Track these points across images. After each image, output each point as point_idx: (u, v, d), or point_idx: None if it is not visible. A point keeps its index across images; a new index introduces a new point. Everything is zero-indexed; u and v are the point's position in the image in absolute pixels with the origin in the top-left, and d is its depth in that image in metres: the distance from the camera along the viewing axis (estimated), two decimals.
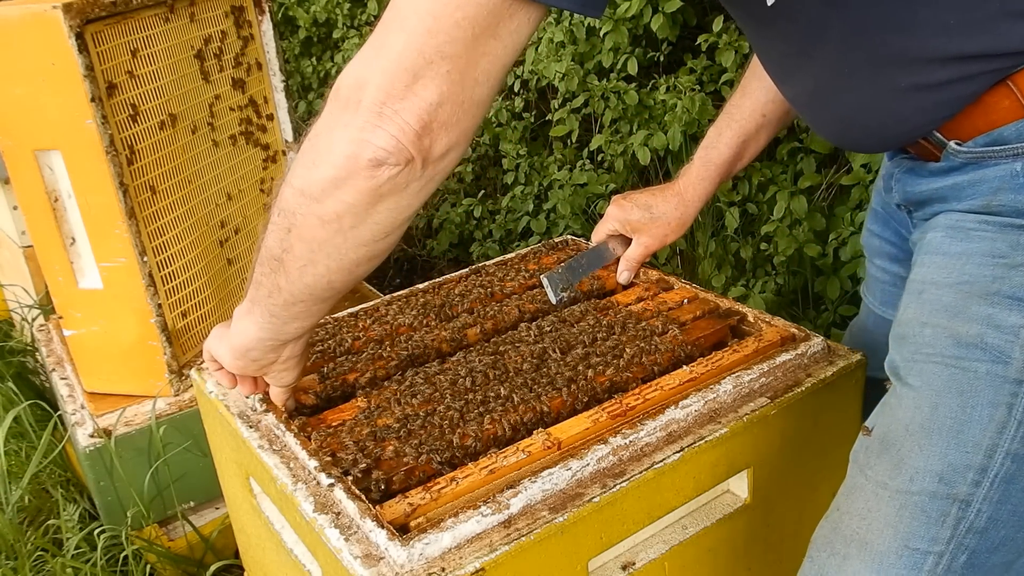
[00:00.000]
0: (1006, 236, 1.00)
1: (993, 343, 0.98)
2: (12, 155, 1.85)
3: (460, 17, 0.84)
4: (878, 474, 1.03)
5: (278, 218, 1.00)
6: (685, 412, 1.21)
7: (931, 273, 1.06)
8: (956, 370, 0.99)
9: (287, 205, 0.98)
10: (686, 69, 2.91)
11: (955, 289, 1.02)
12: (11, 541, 2.03)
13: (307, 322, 1.11)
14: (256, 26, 2.23)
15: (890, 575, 0.99)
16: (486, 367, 1.35)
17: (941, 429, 0.99)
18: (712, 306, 1.50)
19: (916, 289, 1.08)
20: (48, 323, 2.41)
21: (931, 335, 1.03)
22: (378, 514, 1.05)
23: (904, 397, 1.04)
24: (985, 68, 0.99)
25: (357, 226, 0.96)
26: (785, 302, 2.64)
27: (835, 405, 1.31)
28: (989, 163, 1.03)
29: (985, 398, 0.97)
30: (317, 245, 0.98)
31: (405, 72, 0.86)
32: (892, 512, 1.01)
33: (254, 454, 1.24)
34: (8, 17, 1.71)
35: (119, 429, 1.93)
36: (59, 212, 1.87)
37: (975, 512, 0.98)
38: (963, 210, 1.06)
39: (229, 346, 1.18)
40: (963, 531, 0.98)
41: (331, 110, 0.92)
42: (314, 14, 4.68)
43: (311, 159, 0.94)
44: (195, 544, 1.98)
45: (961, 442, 0.98)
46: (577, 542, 1.07)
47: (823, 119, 1.18)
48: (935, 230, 1.09)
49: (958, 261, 1.04)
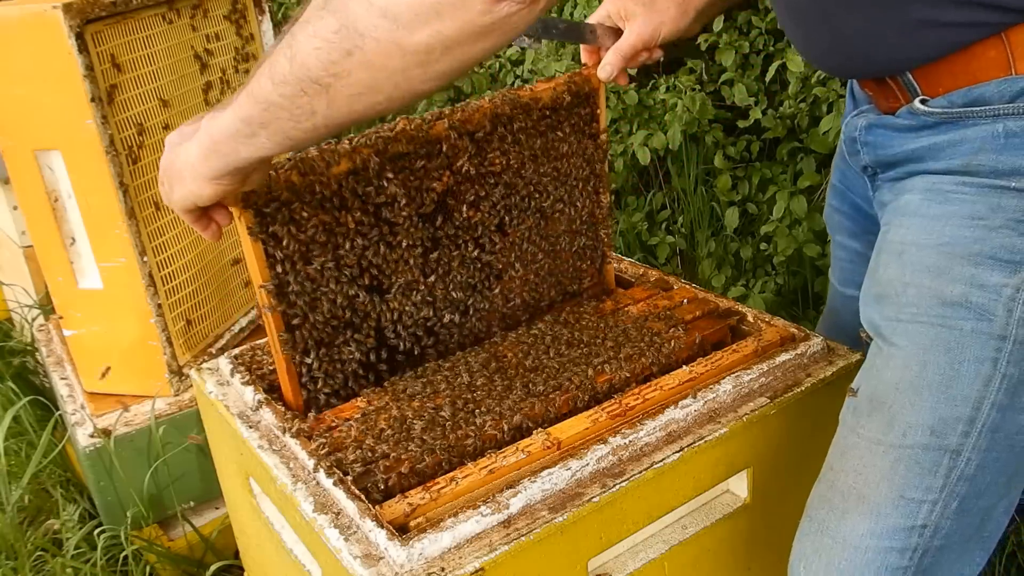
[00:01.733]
0: (985, 199, 1.03)
1: (977, 302, 1.01)
2: (12, 155, 1.85)
3: None
4: (870, 432, 1.08)
5: (332, 35, 0.84)
6: (685, 412, 1.21)
7: (910, 235, 1.09)
8: (943, 329, 1.03)
9: (355, 23, 0.82)
10: (686, 69, 2.91)
11: (937, 250, 1.05)
12: (11, 541, 2.03)
13: (303, 145, 1.02)
14: (256, 26, 2.23)
15: (888, 524, 1.05)
16: (485, 367, 1.35)
17: (931, 385, 1.04)
18: (712, 306, 1.50)
19: (895, 250, 1.10)
20: (48, 323, 2.41)
21: (915, 295, 1.06)
22: (378, 514, 1.05)
23: (891, 357, 1.08)
24: (997, 20, 1.00)
25: (443, 60, 0.83)
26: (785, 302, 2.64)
27: (835, 405, 1.31)
28: (968, 123, 1.04)
29: (972, 354, 1.02)
30: (387, 75, 0.85)
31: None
32: (887, 466, 1.06)
33: (254, 454, 1.24)
34: (8, 17, 1.71)
35: (119, 429, 1.93)
36: (59, 212, 1.87)
37: (965, 461, 1.04)
38: (940, 171, 1.08)
39: (177, 157, 1.06)
40: (954, 479, 1.04)
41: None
42: None
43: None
44: (195, 544, 1.98)
45: (951, 396, 1.03)
46: (577, 542, 1.07)
47: (815, 33, 1.16)
48: (912, 192, 1.11)
49: (938, 223, 1.06)
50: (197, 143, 1.02)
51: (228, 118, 0.97)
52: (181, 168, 1.06)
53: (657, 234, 3.02)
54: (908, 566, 1.06)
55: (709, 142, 2.87)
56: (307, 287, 1.26)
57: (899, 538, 1.05)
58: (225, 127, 0.98)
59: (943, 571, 1.09)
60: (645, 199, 3.18)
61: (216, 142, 1.00)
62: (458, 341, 1.43)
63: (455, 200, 1.35)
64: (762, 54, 2.72)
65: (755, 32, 2.70)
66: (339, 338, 1.31)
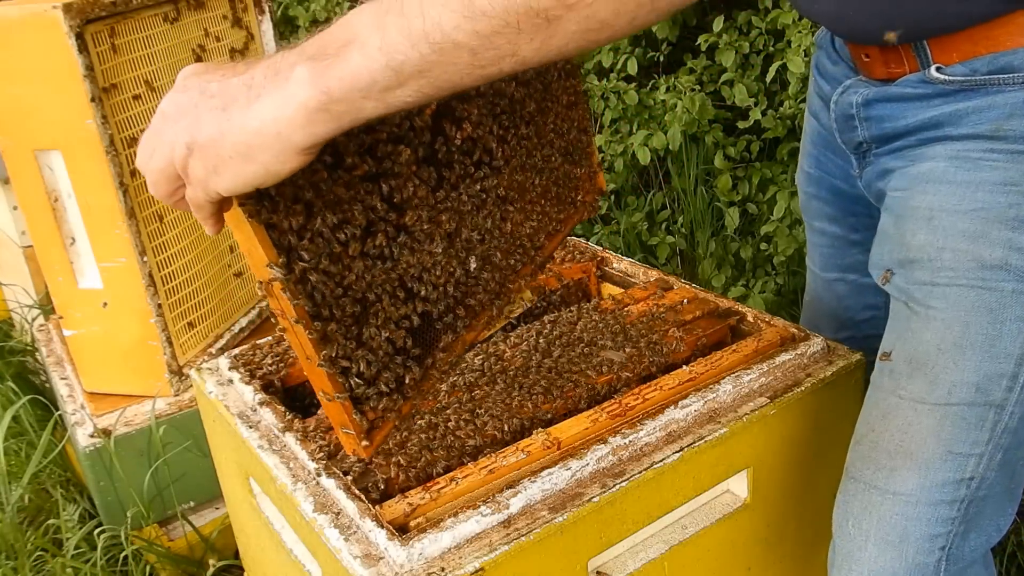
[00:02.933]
0: (1017, 164, 1.04)
1: (1017, 264, 1.04)
2: (12, 155, 1.85)
3: None
4: (913, 392, 1.11)
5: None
6: (685, 412, 1.21)
7: (940, 200, 1.09)
8: (984, 291, 1.06)
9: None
10: (686, 69, 2.91)
11: (971, 216, 1.06)
12: (11, 541, 2.03)
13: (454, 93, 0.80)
14: (256, 26, 2.23)
15: (937, 478, 1.09)
16: (485, 367, 1.35)
17: (974, 344, 1.06)
18: (712, 306, 1.50)
19: (923, 215, 1.10)
20: (48, 323, 2.41)
21: (951, 258, 1.07)
22: (378, 514, 1.05)
23: (930, 320, 1.10)
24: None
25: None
26: (785, 302, 2.64)
27: (834, 405, 1.31)
28: (993, 90, 1.05)
29: (1013, 313, 1.05)
30: (635, 4, 0.72)
31: None
32: (933, 423, 1.09)
33: (254, 454, 1.24)
34: (8, 17, 1.71)
35: (119, 429, 1.93)
36: (59, 212, 1.87)
37: (1008, 414, 1.08)
38: (964, 137, 1.08)
39: (243, 127, 0.78)
40: (999, 432, 1.09)
41: None
42: (314, 13, 4.69)
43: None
44: (195, 544, 1.98)
45: (994, 354, 1.06)
46: (577, 542, 1.07)
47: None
48: (934, 160, 1.11)
49: (968, 189, 1.07)
50: (283, 102, 0.76)
51: (357, 64, 0.73)
52: (246, 139, 0.77)
53: (657, 234, 3.02)
54: (956, 516, 1.10)
55: (709, 142, 2.87)
56: (328, 266, 1.00)
57: (948, 491, 1.09)
58: (353, 77, 0.73)
59: (984, 520, 1.14)
60: (645, 199, 3.18)
61: (332, 99, 0.74)
62: (484, 298, 1.21)
63: (448, 123, 1.15)
64: (762, 54, 2.72)
65: (755, 32, 2.71)
66: (372, 323, 1.07)
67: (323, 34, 0.76)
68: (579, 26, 0.71)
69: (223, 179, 0.80)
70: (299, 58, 0.76)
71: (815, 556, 1.39)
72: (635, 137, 2.85)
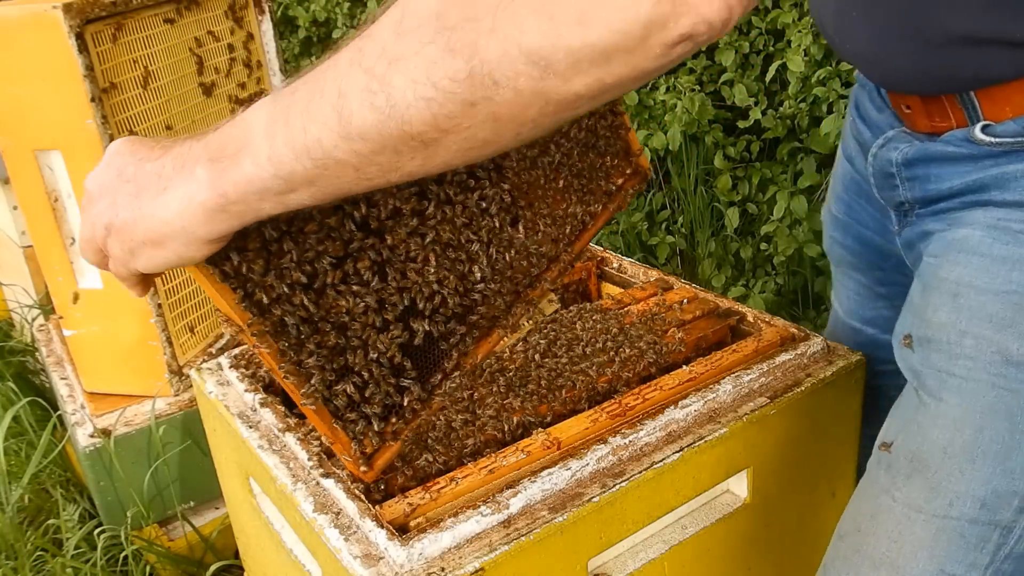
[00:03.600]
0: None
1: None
2: (12, 155, 1.85)
3: None
4: (910, 496, 0.99)
5: (453, 84, 0.65)
6: (685, 412, 1.21)
7: (968, 275, 0.97)
8: (1005, 391, 0.93)
9: (489, 70, 0.64)
10: (686, 69, 2.91)
11: (1002, 298, 0.94)
12: (11, 541, 2.03)
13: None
14: (256, 26, 2.23)
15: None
16: (484, 367, 1.35)
17: (987, 454, 0.94)
18: (712, 306, 1.50)
19: (949, 290, 0.98)
20: (48, 323, 2.41)
21: (972, 347, 0.95)
22: (378, 514, 1.05)
23: (939, 416, 0.98)
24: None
25: (587, 105, 0.68)
26: (785, 302, 2.64)
27: (835, 405, 1.31)
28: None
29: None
30: (515, 126, 0.69)
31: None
32: (927, 536, 0.97)
33: (254, 454, 1.24)
34: (8, 17, 1.71)
35: (119, 429, 1.93)
36: (59, 212, 1.87)
37: (1016, 538, 0.96)
38: (1009, 204, 0.96)
39: (153, 216, 0.80)
40: (1002, 557, 0.96)
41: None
42: (314, 13, 4.69)
43: (568, 14, 0.61)
44: (195, 544, 1.98)
45: (1008, 468, 0.94)
46: (577, 542, 1.07)
47: (869, 19, 1.00)
48: (971, 226, 0.99)
49: (1003, 266, 0.94)
50: (186, 198, 0.78)
51: (249, 171, 0.75)
52: (155, 228, 0.80)
53: (657, 234, 3.02)
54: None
55: (709, 142, 2.87)
56: (302, 303, 0.97)
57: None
58: (247, 183, 0.75)
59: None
60: (645, 199, 3.18)
61: (229, 200, 0.77)
62: (494, 311, 1.15)
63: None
64: (762, 54, 2.72)
65: (755, 32, 2.71)
66: (358, 350, 1.04)
67: (224, 131, 0.78)
68: (459, 146, 0.70)
69: (139, 260, 0.84)
70: (203, 154, 0.78)
71: (815, 556, 1.39)
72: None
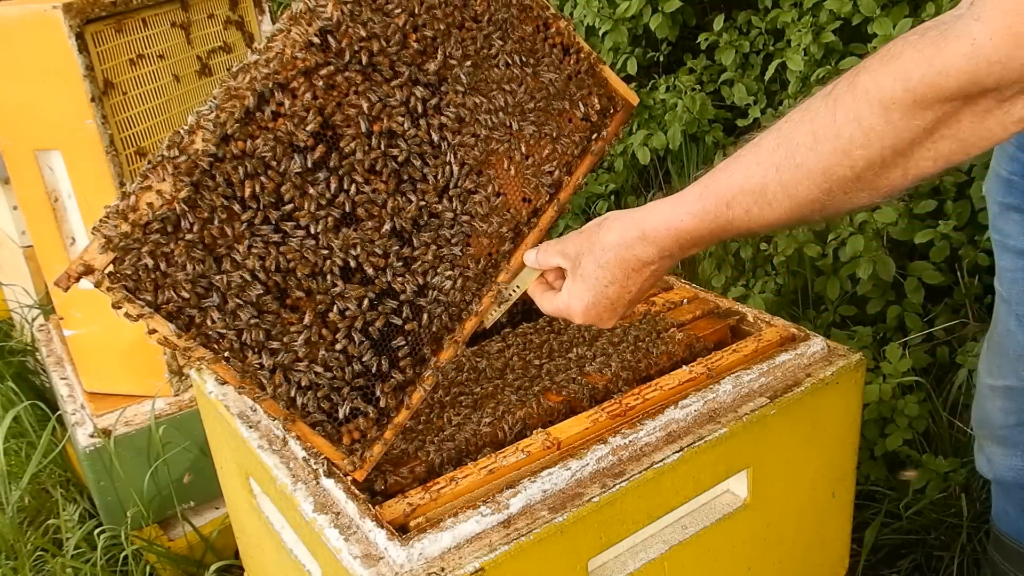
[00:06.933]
0: None
1: None
2: (12, 155, 1.85)
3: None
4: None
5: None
6: (685, 412, 1.21)
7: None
8: None
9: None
10: (686, 69, 2.91)
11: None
12: (11, 541, 2.03)
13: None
14: (256, 26, 2.23)
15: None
16: (484, 368, 1.35)
17: None
18: (712, 306, 1.50)
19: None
20: (48, 323, 2.41)
21: None
22: (378, 514, 1.05)
23: None
24: None
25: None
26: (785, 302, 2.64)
27: (835, 405, 1.31)
28: None
29: None
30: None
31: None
32: None
33: (254, 454, 1.24)
34: (8, 17, 1.71)
35: (119, 429, 1.93)
36: (59, 212, 1.87)
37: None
38: None
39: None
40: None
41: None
42: None
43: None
44: (195, 544, 1.97)
45: None
46: (577, 542, 1.07)
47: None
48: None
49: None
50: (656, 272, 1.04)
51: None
52: (639, 291, 1.07)
53: None
54: None
55: (709, 142, 2.87)
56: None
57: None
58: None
59: None
60: (645, 199, 3.18)
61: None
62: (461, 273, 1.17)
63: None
64: (762, 54, 2.72)
65: (755, 32, 2.70)
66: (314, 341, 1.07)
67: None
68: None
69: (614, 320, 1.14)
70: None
71: (815, 556, 1.39)
72: (635, 137, 2.85)
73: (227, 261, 1.02)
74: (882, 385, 1.97)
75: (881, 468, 2.00)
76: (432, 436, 1.21)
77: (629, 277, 1.05)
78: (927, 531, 1.90)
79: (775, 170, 0.88)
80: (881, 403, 1.98)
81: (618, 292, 1.06)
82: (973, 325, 2.15)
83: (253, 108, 1.02)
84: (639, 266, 1.03)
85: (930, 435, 2.04)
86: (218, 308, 1.01)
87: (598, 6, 2.94)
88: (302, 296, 1.06)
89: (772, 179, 0.88)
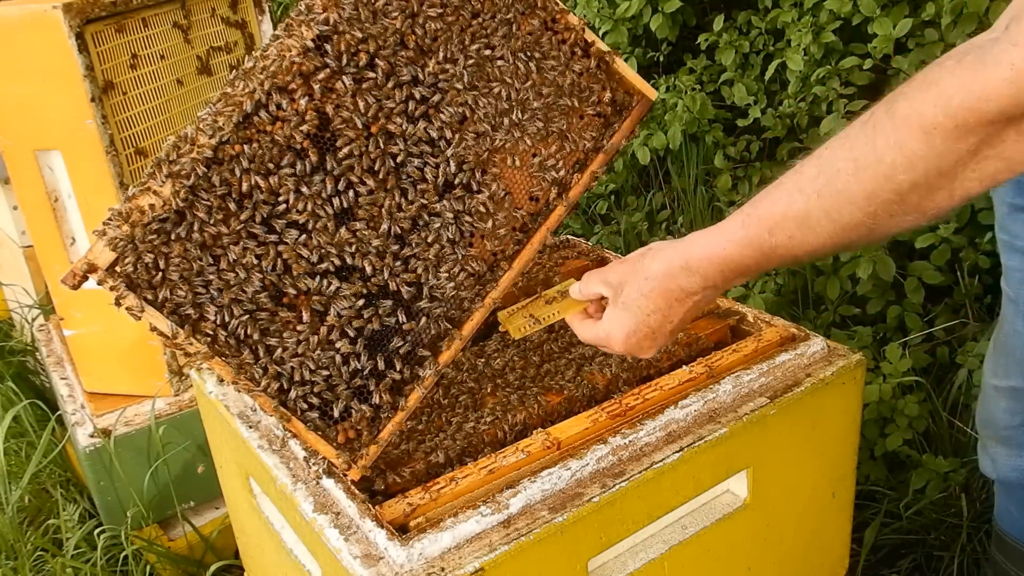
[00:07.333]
0: None
1: None
2: (12, 155, 1.85)
3: None
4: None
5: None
6: (685, 412, 1.21)
7: None
8: None
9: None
10: (686, 69, 2.91)
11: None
12: (11, 541, 2.03)
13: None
14: (256, 26, 2.23)
15: None
16: (483, 368, 1.35)
17: None
18: (712, 306, 1.50)
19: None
20: (48, 323, 2.41)
21: None
22: (378, 514, 1.05)
23: None
24: None
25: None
26: (785, 302, 2.64)
27: (835, 405, 1.31)
28: None
29: None
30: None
31: None
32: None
33: (254, 454, 1.24)
34: (8, 17, 1.71)
35: (119, 429, 1.93)
36: (59, 212, 1.87)
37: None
38: None
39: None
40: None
41: None
42: None
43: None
44: (195, 544, 1.98)
45: None
46: (577, 542, 1.07)
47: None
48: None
49: None
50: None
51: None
52: (681, 321, 1.07)
53: (657, 234, 3.02)
54: None
55: (709, 142, 2.86)
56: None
57: None
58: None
59: None
60: (645, 199, 3.18)
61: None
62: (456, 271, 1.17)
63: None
64: (762, 54, 2.72)
65: (755, 32, 2.70)
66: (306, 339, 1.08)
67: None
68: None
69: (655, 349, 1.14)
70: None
71: (815, 556, 1.39)
72: (635, 137, 2.85)
73: (224, 260, 1.04)
74: (882, 385, 1.97)
75: (881, 468, 2.00)
76: (432, 436, 1.21)
77: (672, 307, 1.05)
78: (927, 531, 1.90)
79: (817, 196, 0.89)
80: (881, 403, 1.98)
81: (660, 321, 1.07)
82: (973, 325, 2.15)
83: (251, 112, 1.03)
84: (682, 296, 1.04)
85: (930, 435, 2.04)
86: (215, 305, 1.04)
87: (598, 6, 2.94)
88: (299, 294, 1.07)
89: (815, 205, 0.89)
